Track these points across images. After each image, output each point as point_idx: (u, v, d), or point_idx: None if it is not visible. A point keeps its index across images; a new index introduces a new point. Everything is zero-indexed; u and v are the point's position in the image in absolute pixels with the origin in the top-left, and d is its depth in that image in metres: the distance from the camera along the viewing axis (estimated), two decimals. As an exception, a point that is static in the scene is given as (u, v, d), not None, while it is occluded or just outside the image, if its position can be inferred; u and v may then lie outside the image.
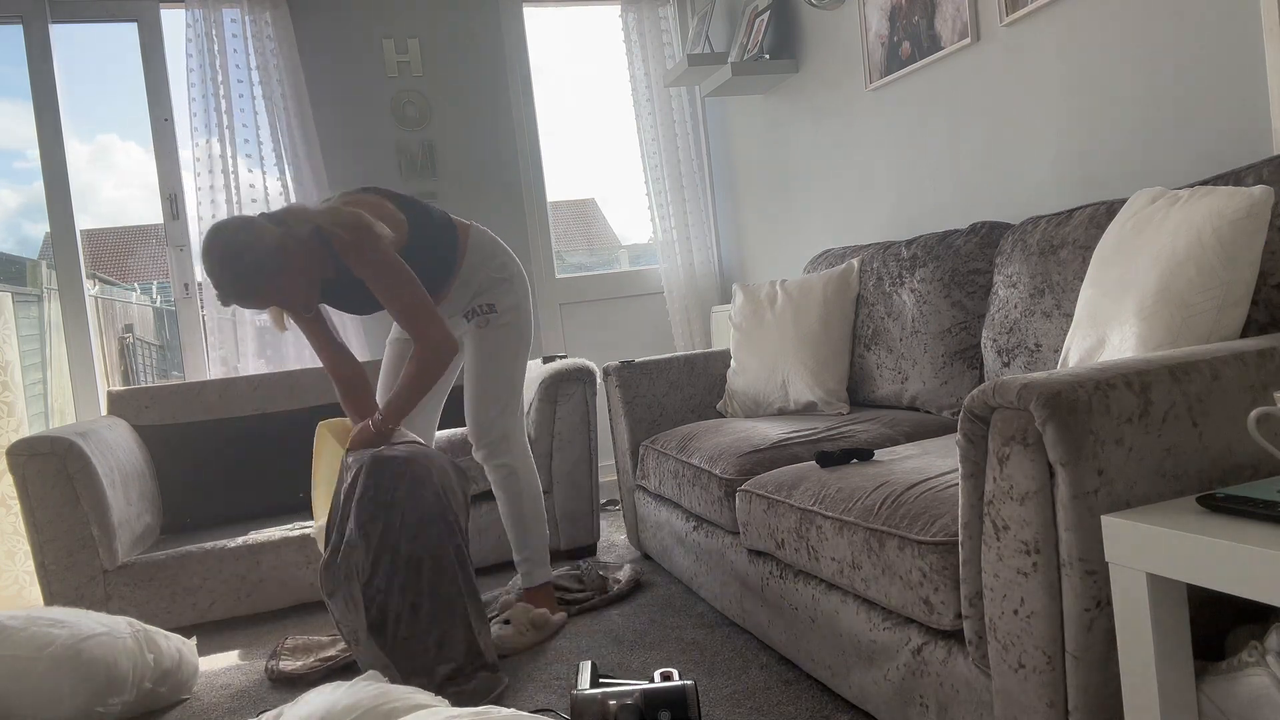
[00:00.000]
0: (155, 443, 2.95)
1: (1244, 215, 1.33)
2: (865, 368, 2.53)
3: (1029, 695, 1.16)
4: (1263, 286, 1.42)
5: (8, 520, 3.20)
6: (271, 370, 3.51)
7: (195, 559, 2.57)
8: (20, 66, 3.32)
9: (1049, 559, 1.11)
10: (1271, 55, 1.65)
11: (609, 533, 3.33)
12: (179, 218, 3.57)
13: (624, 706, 1.48)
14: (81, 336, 3.46)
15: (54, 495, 2.43)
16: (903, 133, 2.77)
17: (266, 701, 2.04)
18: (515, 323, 2.32)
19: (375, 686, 1.59)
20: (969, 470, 1.21)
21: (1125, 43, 1.97)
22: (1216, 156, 1.81)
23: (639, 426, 2.77)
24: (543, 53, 4.09)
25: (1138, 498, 1.10)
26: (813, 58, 3.21)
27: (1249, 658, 1.04)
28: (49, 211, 3.40)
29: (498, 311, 2.30)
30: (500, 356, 2.30)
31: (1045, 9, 2.17)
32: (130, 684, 1.97)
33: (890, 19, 2.72)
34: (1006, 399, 1.13)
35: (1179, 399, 1.12)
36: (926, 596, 1.35)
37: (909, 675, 1.43)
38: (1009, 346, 1.99)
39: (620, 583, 2.54)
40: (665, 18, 4.10)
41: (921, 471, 1.57)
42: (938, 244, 2.31)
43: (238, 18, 3.50)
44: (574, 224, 5.38)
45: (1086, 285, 1.58)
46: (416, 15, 3.83)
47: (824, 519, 1.61)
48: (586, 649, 2.15)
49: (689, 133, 4.11)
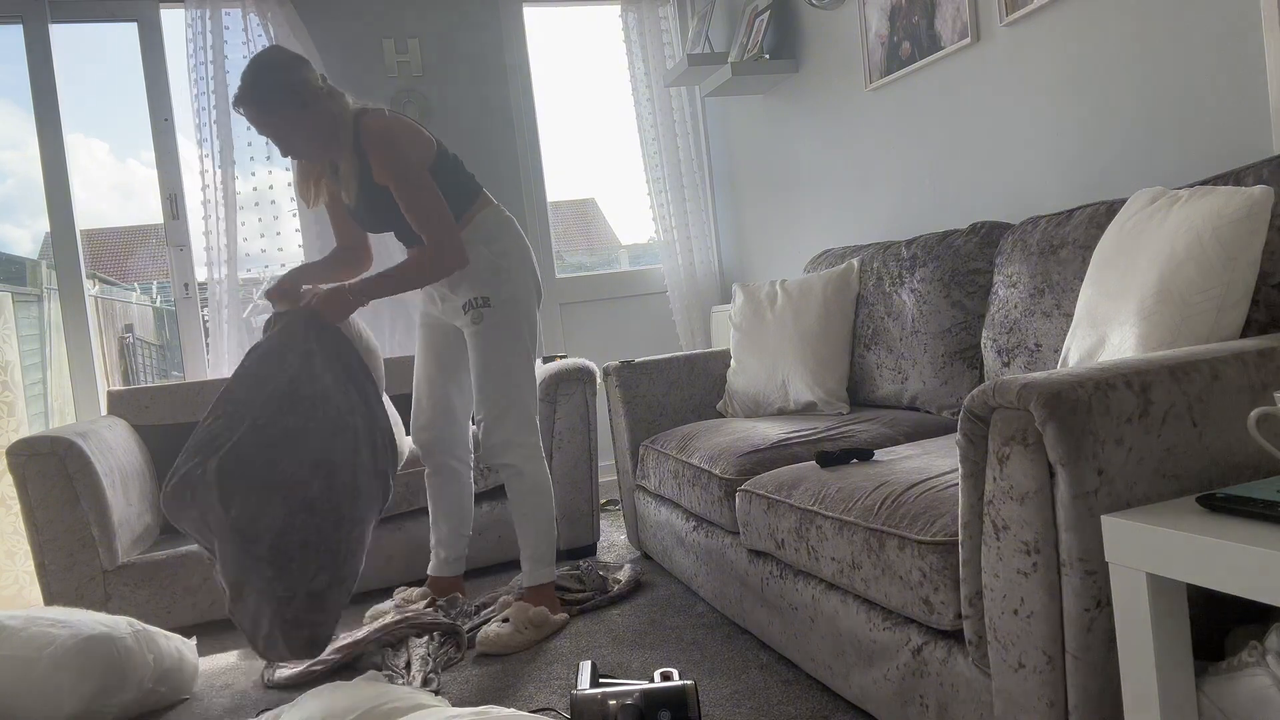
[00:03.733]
0: (155, 443, 2.95)
1: (1244, 215, 1.33)
2: (865, 368, 2.53)
3: (1029, 695, 1.16)
4: (1263, 286, 1.42)
5: (8, 520, 3.20)
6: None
7: (195, 559, 2.57)
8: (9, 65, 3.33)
9: (1049, 559, 1.11)
10: (1271, 55, 1.65)
11: (609, 533, 3.33)
12: (179, 218, 3.57)
13: (624, 706, 1.48)
14: (81, 336, 3.46)
15: (54, 495, 2.43)
16: (903, 133, 2.77)
17: (266, 701, 2.05)
18: (512, 318, 2.26)
19: (375, 686, 1.60)
20: (969, 470, 1.21)
21: (1125, 43, 1.98)
22: (1216, 156, 1.81)
23: (639, 426, 2.77)
24: (543, 53, 4.09)
25: (1138, 498, 1.10)
26: (813, 58, 3.21)
27: (1249, 658, 1.04)
28: (49, 211, 3.40)
29: (492, 306, 2.25)
30: (497, 355, 2.25)
31: (1045, 9, 2.17)
32: (130, 684, 1.97)
33: (890, 19, 2.72)
34: (1006, 399, 1.13)
35: (1179, 399, 1.12)
36: (926, 596, 1.35)
37: (909, 675, 1.43)
38: (1009, 346, 1.99)
39: (620, 583, 2.54)
40: (665, 18, 4.09)
41: (921, 471, 1.57)
42: (938, 244, 2.31)
43: (238, 18, 3.50)
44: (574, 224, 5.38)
45: (1086, 285, 1.58)
46: (416, 15, 3.83)
47: (824, 519, 1.61)
48: (586, 649, 2.15)
49: (689, 133, 4.10)
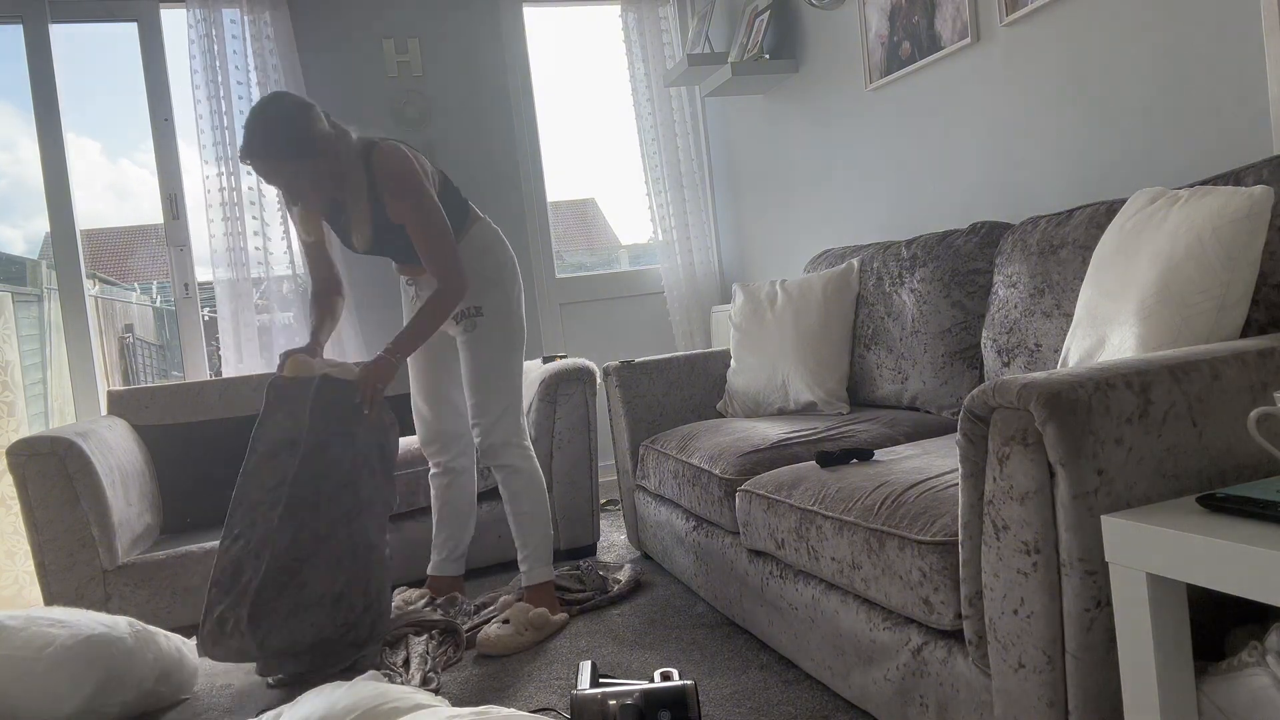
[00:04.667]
0: (155, 443, 2.95)
1: (1244, 215, 1.33)
2: (865, 368, 2.52)
3: (1029, 695, 1.16)
4: (1263, 286, 1.42)
5: (8, 520, 3.20)
6: (268, 370, 3.51)
7: (195, 559, 2.57)
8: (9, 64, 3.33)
9: (1049, 559, 1.11)
10: (1271, 55, 1.65)
11: (609, 533, 3.33)
12: (179, 218, 3.57)
13: (624, 706, 1.48)
14: (81, 336, 3.46)
15: (54, 495, 2.43)
16: (903, 132, 2.77)
17: (266, 701, 2.05)
18: (504, 325, 2.35)
19: (375, 686, 1.59)
20: (969, 470, 1.21)
21: (1125, 42, 1.97)
22: (1216, 156, 1.81)
23: (639, 426, 2.77)
24: (543, 52, 4.09)
25: (1138, 498, 1.10)
26: (813, 58, 3.21)
27: (1249, 658, 1.04)
28: (49, 211, 3.40)
29: (485, 315, 2.32)
30: (491, 362, 2.33)
31: (1045, 9, 2.17)
32: (130, 684, 1.97)
33: (890, 19, 2.72)
34: (1006, 399, 1.13)
35: (1179, 399, 1.12)
36: (926, 596, 1.35)
37: (909, 675, 1.43)
38: (1009, 346, 1.99)
39: (620, 583, 2.54)
40: (665, 18, 4.09)
41: (921, 471, 1.57)
42: (938, 244, 2.31)
43: (237, 18, 3.50)
44: (574, 224, 5.38)
45: (1086, 285, 1.58)
46: (416, 15, 3.83)
47: (824, 519, 1.61)
48: (586, 649, 2.15)
49: (689, 133, 4.10)
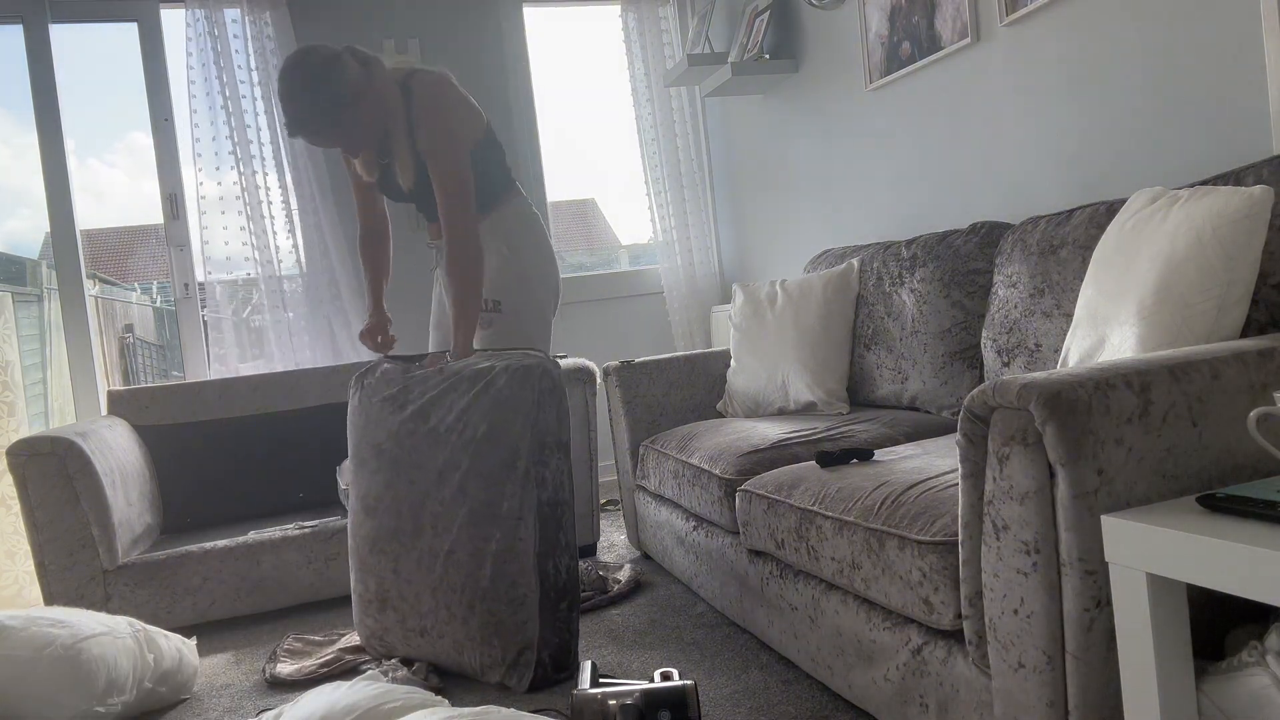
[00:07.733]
0: (155, 443, 2.95)
1: (1244, 215, 1.33)
2: (865, 368, 2.52)
3: (1029, 695, 1.16)
4: (1263, 286, 1.42)
5: (8, 520, 3.20)
6: (268, 370, 3.51)
7: (195, 559, 2.57)
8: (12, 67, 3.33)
9: (1049, 559, 1.11)
10: (1271, 55, 1.65)
11: (609, 533, 3.33)
12: (179, 218, 3.57)
13: (624, 706, 1.48)
14: (81, 336, 3.46)
15: (54, 495, 2.43)
16: (903, 132, 2.77)
17: (266, 701, 2.04)
18: (521, 330, 2.24)
19: (375, 686, 1.59)
20: (969, 470, 1.21)
21: (1125, 42, 1.98)
22: (1216, 156, 1.81)
23: (639, 426, 2.77)
24: (543, 52, 4.09)
25: (1138, 498, 1.10)
26: (813, 58, 3.21)
27: (1249, 658, 1.04)
28: (49, 211, 3.40)
29: (503, 312, 2.23)
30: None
31: (1045, 9, 2.17)
32: (130, 684, 1.97)
33: (890, 19, 2.72)
34: (1006, 399, 1.13)
35: (1179, 399, 1.12)
36: (926, 596, 1.35)
37: (909, 675, 1.43)
38: (1009, 346, 1.99)
39: (620, 583, 2.54)
40: (665, 18, 4.09)
41: (921, 471, 1.57)
42: (938, 244, 2.31)
43: (238, 18, 3.50)
44: (574, 224, 5.38)
45: (1086, 285, 1.58)
46: (416, 15, 3.83)
47: (824, 519, 1.61)
48: (586, 649, 2.15)
49: (689, 133, 4.10)
